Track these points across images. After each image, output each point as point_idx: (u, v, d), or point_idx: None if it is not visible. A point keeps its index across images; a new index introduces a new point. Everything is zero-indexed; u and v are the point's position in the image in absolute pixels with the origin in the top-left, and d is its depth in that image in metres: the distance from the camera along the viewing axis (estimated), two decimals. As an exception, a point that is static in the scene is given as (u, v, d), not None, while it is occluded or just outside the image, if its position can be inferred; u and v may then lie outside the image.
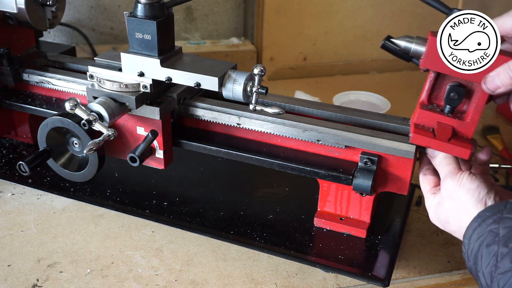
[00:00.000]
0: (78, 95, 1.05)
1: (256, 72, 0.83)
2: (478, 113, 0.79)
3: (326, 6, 1.72)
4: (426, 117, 0.82)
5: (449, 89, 0.79)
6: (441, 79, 0.82)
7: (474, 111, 0.79)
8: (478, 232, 0.67)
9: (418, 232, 1.04)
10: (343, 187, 0.94)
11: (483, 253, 0.65)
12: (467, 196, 0.73)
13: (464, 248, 0.70)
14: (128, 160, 0.91)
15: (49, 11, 1.07)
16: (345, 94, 1.49)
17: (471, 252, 0.67)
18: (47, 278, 0.90)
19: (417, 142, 0.82)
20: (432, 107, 0.83)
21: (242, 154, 0.94)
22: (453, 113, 0.82)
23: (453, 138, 0.80)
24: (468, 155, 0.79)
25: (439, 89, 0.83)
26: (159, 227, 1.02)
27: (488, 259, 0.64)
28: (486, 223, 0.67)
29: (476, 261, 0.66)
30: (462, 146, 0.79)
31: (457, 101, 0.80)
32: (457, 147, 0.79)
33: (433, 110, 0.82)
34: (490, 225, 0.66)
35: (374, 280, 0.87)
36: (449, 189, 0.76)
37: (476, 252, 0.66)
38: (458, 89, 0.79)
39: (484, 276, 0.64)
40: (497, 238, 0.63)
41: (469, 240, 0.68)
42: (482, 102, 0.78)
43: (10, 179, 1.10)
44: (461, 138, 0.81)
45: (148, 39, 0.86)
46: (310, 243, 0.95)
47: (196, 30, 1.82)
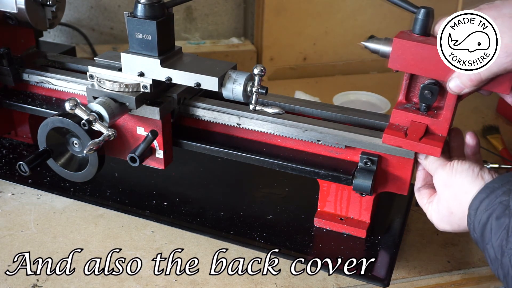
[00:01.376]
0: (78, 95, 1.05)
1: (256, 72, 0.83)
2: (450, 110, 0.80)
3: (326, 6, 1.72)
4: (401, 117, 0.83)
5: (422, 87, 0.80)
6: (416, 78, 0.83)
7: (446, 108, 0.80)
8: (486, 203, 0.66)
9: (418, 232, 1.04)
10: (343, 187, 0.94)
11: (493, 225, 0.64)
12: (461, 178, 0.73)
13: (470, 219, 0.69)
14: (128, 160, 0.91)
15: (49, 11, 1.07)
16: (345, 94, 1.49)
17: (478, 223, 0.66)
18: (47, 278, 0.90)
19: (388, 142, 0.83)
20: (409, 106, 0.84)
21: (242, 154, 0.94)
22: (429, 111, 0.82)
23: (426, 137, 0.80)
24: (438, 153, 0.79)
25: (415, 88, 0.84)
26: (159, 227, 1.02)
27: (498, 232, 0.63)
28: (495, 194, 0.66)
29: (484, 233, 0.65)
30: (433, 145, 0.79)
31: (432, 99, 0.80)
32: (427, 145, 0.80)
33: (409, 109, 0.83)
34: (500, 196, 0.65)
35: (374, 280, 0.87)
36: (442, 179, 0.76)
37: (484, 224, 0.65)
38: (431, 87, 0.79)
39: (494, 249, 0.63)
40: (508, 210, 0.63)
41: (475, 211, 0.67)
42: (452, 100, 0.79)
43: (10, 179, 1.10)
44: (435, 136, 0.81)
45: (148, 39, 0.86)
46: (310, 243, 0.95)
47: (196, 30, 1.82)
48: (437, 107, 0.82)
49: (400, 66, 0.78)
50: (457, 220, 0.75)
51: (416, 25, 0.77)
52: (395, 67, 0.79)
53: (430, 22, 0.77)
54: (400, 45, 0.77)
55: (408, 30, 0.79)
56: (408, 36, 0.77)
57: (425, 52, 0.75)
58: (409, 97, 0.84)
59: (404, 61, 0.77)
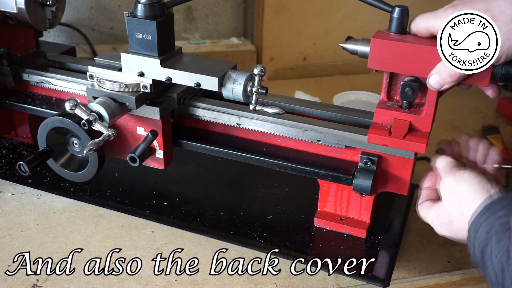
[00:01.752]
0: (78, 95, 1.05)
1: (256, 72, 0.83)
2: (431, 106, 0.80)
3: (326, 6, 1.71)
4: (384, 115, 0.84)
5: (403, 85, 0.81)
6: (396, 76, 0.83)
7: (428, 104, 0.81)
8: (486, 224, 0.65)
9: (418, 232, 1.04)
10: (343, 187, 0.94)
11: (493, 247, 0.63)
12: (469, 189, 0.71)
13: (470, 241, 0.68)
14: (128, 160, 0.91)
15: (49, 11, 1.07)
16: (345, 94, 1.49)
17: (478, 245, 0.65)
18: (47, 278, 0.90)
19: (373, 141, 0.84)
20: (391, 104, 0.84)
21: (242, 154, 0.94)
22: (412, 108, 0.83)
23: (410, 134, 0.81)
24: (423, 149, 0.80)
25: (396, 86, 0.84)
26: (159, 227, 1.02)
27: (499, 253, 0.62)
28: (496, 216, 0.65)
29: (484, 255, 0.64)
30: (417, 141, 0.80)
31: (413, 96, 0.81)
32: (412, 142, 0.81)
33: (391, 107, 0.84)
34: (501, 218, 0.64)
35: (374, 280, 0.87)
36: (449, 186, 0.74)
37: (485, 246, 0.64)
38: (411, 84, 0.80)
39: (495, 271, 0.62)
40: (508, 232, 0.62)
41: (475, 233, 0.66)
42: (433, 96, 0.79)
43: (10, 179, 1.10)
44: (419, 133, 0.82)
45: (148, 39, 0.86)
46: (310, 243, 0.95)
47: (196, 30, 1.82)
48: (419, 104, 0.83)
49: (379, 66, 0.79)
50: (456, 228, 0.73)
51: (392, 24, 0.79)
52: (374, 66, 0.80)
53: (406, 20, 0.78)
54: (377, 45, 0.78)
55: (385, 30, 0.80)
56: (385, 36, 0.79)
57: (403, 50, 0.77)
58: (391, 95, 0.86)
59: (383, 60, 0.78)
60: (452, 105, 1.57)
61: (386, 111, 0.83)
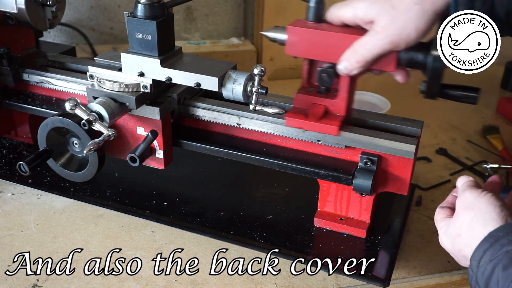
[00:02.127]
0: (78, 95, 1.05)
1: (256, 72, 0.83)
2: (344, 91, 0.85)
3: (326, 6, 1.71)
4: (302, 100, 0.88)
5: (319, 71, 0.85)
6: (316, 63, 0.87)
7: (341, 89, 0.85)
8: (490, 253, 0.63)
9: (418, 232, 1.04)
10: (343, 187, 0.94)
11: (499, 277, 0.60)
12: (487, 208, 0.68)
13: (472, 271, 0.65)
14: (128, 160, 0.91)
15: (49, 11, 1.07)
16: (345, 94, 1.49)
17: (481, 275, 0.63)
18: (47, 278, 0.90)
19: (291, 124, 0.87)
20: (311, 90, 0.89)
21: (242, 154, 0.94)
22: (329, 93, 0.87)
23: (325, 117, 0.85)
24: (335, 131, 0.84)
25: (315, 73, 0.87)
26: (159, 227, 1.02)
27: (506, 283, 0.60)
28: (500, 243, 0.63)
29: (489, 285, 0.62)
30: (330, 124, 0.85)
31: (329, 81, 0.85)
32: (325, 125, 0.85)
33: (310, 92, 0.88)
34: (506, 245, 0.62)
35: (374, 280, 0.87)
36: (467, 200, 0.72)
37: (489, 275, 0.62)
38: (327, 70, 0.84)
39: None
40: None
41: (478, 262, 0.64)
42: (346, 81, 0.84)
43: (10, 179, 1.10)
44: (333, 116, 0.87)
45: (148, 39, 0.86)
46: (310, 243, 0.95)
47: (196, 30, 1.82)
48: (336, 89, 0.87)
49: (296, 52, 0.84)
50: (461, 244, 0.71)
51: (309, 13, 0.84)
52: (291, 53, 0.84)
53: (321, 9, 0.83)
54: (294, 32, 0.82)
55: (303, 18, 0.85)
56: (303, 24, 0.83)
57: (318, 38, 0.81)
58: (311, 82, 0.90)
59: (300, 47, 0.83)
60: (452, 105, 1.56)
61: (304, 96, 0.88)
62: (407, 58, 0.78)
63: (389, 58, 0.78)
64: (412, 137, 0.89)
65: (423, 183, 1.18)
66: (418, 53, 0.77)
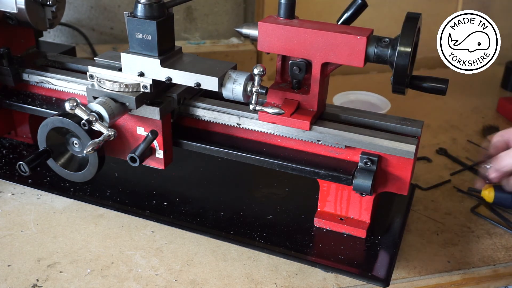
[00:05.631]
0: (78, 95, 1.05)
1: (256, 72, 0.83)
2: (316, 85, 0.86)
3: (326, 6, 1.71)
4: (275, 95, 0.89)
5: (291, 64, 0.86)
6: (289, 59, 0.88)
7: (313, 84, 0.87)
8: None
9: (418, 232, 1.04)
10: (343, 187, 0.94)
11: None
12: None
13: None
14: (128, 160, 0.91)
15: (49, 11, 1.07)
16: (345, 94, 1.49)
17: None
18: (47, 278, 0.90)
19: (263, 119, 0.88)
20: (284, 85, 0.90)
21: (242, 154, 0.94)
22: (302, 88, 0.89)
23: (297, 112, 0.87)
24: (307, 126, 0.86)
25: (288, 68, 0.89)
26: (159, 227, 1.02)
27: None
28: None
29: None
30: (302, 119, 0.86)
31: (300, 75, 0.86)
32: (297, 120, 0.86)
33: (283, 88, 0.89)
34: None
35: (374, 280, 0.87)
36: None
37: None
38: (298, 63, 0.86)
39: None
40: None
41: None
42: (317, 75, 0.85)
43: (10, 179, 1.10)
44: (306, 111, 0.88)
45: (148, 39, 0.86)
46: (310, 243, 0.95)
47: (196, 30, 1.82)
48: (308, 85, 0.88)
49: (267, 48, 0.85)
50: None
51: (281, 9, 0.85)
52: (263, 49, 0.86)
53: (293, 5, 0.84)
54: (265, 28, 0.84)
55: (275, 15, 0.86)
56: (274, 20, 0.85)
57: (289, 34, 0.83)
58: (284, 78, 0.91)
59: (271, 43, 0.84)
60: (452, 105, 1.58)
61: (278, 92, 0.89)
62: (375, 54, 0.80)
63: (356, 54, 0.80)
64: (412, 137, 0.89)
65: (423, 183, 1.18)
66: (385, 49, 0.79)
